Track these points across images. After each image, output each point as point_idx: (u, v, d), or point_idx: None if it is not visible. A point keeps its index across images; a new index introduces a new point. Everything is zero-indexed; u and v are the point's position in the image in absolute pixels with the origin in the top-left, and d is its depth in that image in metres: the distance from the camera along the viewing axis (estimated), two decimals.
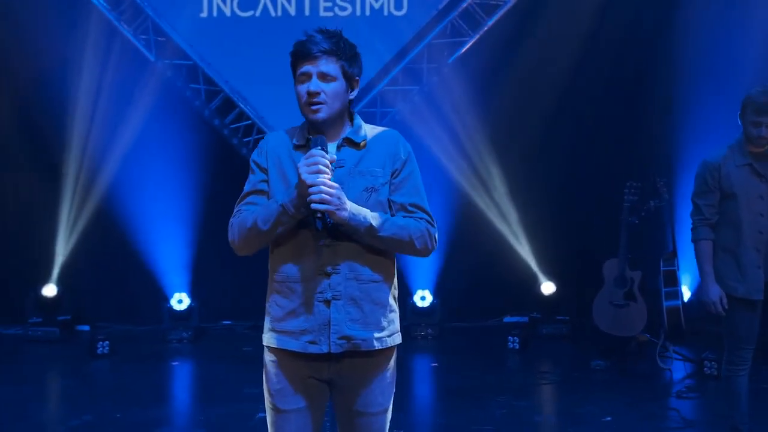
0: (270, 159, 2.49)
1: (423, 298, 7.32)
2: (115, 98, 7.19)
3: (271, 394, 2.51)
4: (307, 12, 7.44)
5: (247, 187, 2.50)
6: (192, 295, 7.33)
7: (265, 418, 2.56)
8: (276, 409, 2.50)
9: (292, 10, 7.44)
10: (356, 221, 2.33)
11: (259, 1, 7.40)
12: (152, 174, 7.31)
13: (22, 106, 7.39)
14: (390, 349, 2.54)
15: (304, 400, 2.48)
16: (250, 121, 7.51)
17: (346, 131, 2.50)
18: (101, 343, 6.56)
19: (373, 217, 2.36)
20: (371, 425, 2.52)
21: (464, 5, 7.28)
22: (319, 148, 2.34)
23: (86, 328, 7.65)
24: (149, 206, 7.27)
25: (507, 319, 7.74)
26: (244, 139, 7.53)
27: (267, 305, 2.51)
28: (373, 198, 2.43)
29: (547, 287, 7.36)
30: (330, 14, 7.43)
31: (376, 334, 2.45)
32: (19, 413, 5.12)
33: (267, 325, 2.51)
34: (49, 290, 7.28)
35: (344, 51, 2.46)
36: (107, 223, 7.36)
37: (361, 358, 2.46)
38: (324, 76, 2.41)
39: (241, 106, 7.49)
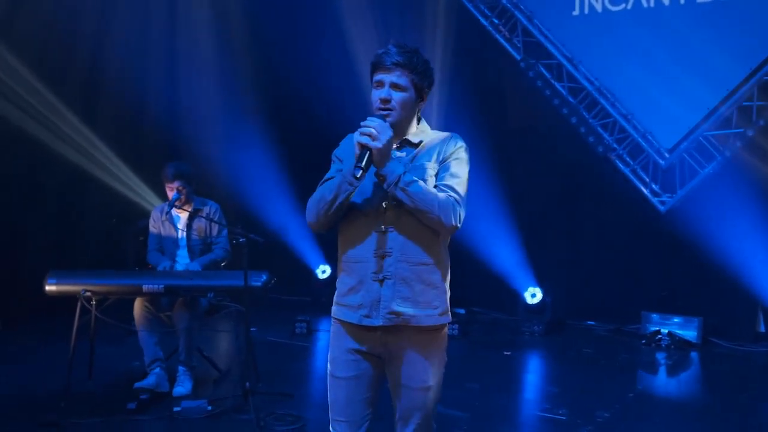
0: (347, 152, 2.73)
1: None
2: (483, 97, 7.67)
3: (329, 361, 2.80)
4: (682, 0, 6.91)
5: (326, 176, 2.76)
6: (545, 290, 7.42)
7: None
8: (332, 376, 2.79)
9: (666, 0, 6.99)
10: (390, 166, 2.56)
11: None
12: (512, 168, 7.63)
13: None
14: (438, 328, 2.70)
15: (354, 370, 2.73)
16: (611, 119, 7.29)
17: (407, 133, 2.74)
18: (451, 326, 7.08)
19: (406, 173, 2.57)
20: (413, 399, 2.71)
21: None
22: (378, 119, 2.58)
23: (461, 311, 8.33)
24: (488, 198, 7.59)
25: None
26: (610, 136, 7.33)
27: (337, 282, 2.80)
28: None
29: None
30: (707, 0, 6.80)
31: (427, 312, 2.65)
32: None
33: (335, 298, 2.79)
34: None
35: (416, 65, 2.65)
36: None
37: (409, 332, 2.66)
38: (395, 86, 2.64)
39: (603, 103, 7.31)
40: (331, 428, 2.83)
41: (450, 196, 2.61)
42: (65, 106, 7.40)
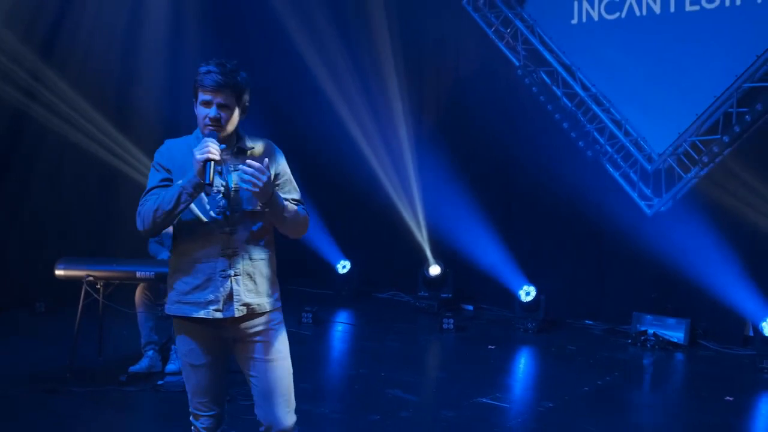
0: (173, 162, 2.97)
1: None
2: (480, 102, 8.01)
3: (183, 354, 3.06)
4: (672, 8, 7.09)
5: (151, 183, 2.96)
6: (539, 288, 7.70)
7: None
8: (190, 365, 3.05)
9: (656, 8, 7.18)
10: (278, 200, 2.93)
11: (625, 2, 7.35)
12: (509, 172, 7.93)
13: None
14: (277, 309, 3.10)
15: (211, 356, 3.03)
16: (603, 125, 7.52)
17: (237, 142, 3.04)
18: (446, 320, 7.51)
19: (286, 201, 3.01)
20: (273, 370, 3.03)
21: None
22: (212, 139, 2.84)
23: (470, 307, 8.68)
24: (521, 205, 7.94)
25: None
26: (603, 141, 7.56)
27: (170, 281, 3.04)
28: None
29: None
30: (696, 8, 6.95)
31: (266, 299, 3.04)
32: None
33: (173, 297, 3.02)
34: (434, 270, 8.53)
35: (239, 84, 2.91)
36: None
37: (256, 317, 3.02)
38: (222, 106, 2.89)
39: (596, 109, 7.55)
40: (194, 411, 3.08)
41: (304, 209, 3.10)
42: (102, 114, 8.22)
